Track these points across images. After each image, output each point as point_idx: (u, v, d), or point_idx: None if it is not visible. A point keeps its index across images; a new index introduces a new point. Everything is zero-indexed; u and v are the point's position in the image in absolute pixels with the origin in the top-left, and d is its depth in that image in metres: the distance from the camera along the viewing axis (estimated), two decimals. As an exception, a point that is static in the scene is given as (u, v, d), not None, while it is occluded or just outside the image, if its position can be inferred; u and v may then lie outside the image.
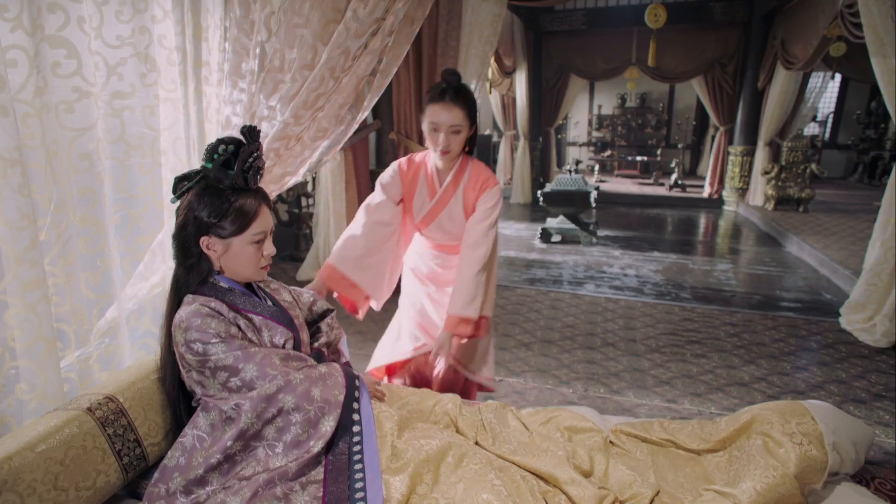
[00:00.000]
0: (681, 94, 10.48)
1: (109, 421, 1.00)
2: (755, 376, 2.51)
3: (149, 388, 1.13)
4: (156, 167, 1.45)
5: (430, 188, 1.65)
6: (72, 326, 1.28)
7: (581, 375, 2.50)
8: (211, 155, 1.08)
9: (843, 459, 1.10)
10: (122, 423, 1.02)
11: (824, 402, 1.21)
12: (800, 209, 6.53)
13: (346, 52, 1.41)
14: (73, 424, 0.94)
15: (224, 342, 1.03)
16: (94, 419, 0.97)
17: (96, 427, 0.97)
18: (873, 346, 2.81)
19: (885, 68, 2.64)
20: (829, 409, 1.16)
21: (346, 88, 1.46)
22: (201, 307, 1.07)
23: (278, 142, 1.49)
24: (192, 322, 1.04)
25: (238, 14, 1.52)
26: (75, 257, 1.24)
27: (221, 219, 1.09)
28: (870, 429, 1.20)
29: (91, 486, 0.93)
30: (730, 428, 1.18)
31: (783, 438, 1.06)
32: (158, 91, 1.40)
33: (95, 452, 0.95)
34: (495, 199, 1.62)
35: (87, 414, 0.96)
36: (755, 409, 1.17)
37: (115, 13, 1.30)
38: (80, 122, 1.19)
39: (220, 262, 1.13)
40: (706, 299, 3.69)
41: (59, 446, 0.90)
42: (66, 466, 0.90)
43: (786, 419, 1.10)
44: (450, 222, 1.67)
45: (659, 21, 4.63)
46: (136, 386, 1.10)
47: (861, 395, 2.33)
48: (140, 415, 1.07)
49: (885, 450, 1.95)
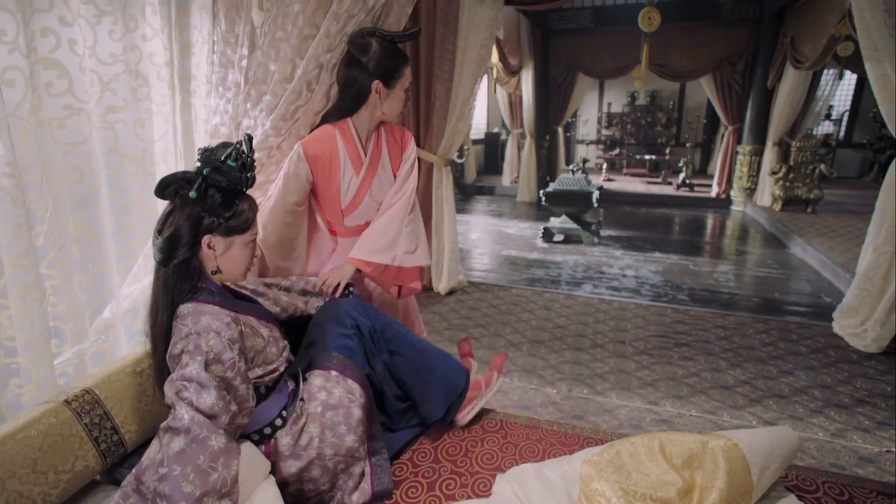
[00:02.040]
0: (691, 92, 10.36)
1: (85, 411, 1.10)
2: (740, 380, 2.53)
3: (125, 380, 1.22)
4: (147, 177, 1.54)
5: (354, 162, 1.58)
6: (68, 325, 1.38)
7: (566, 376, 2.55)
8: (213, 157, 1.12)
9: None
10: (98, 412, 1.12)
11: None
12: (808, 210, 6.45)
13: (319, 65, 1.48)
14: (51, 415, 1.04)
15: (206, 386, 0.98)
16: (71, 410, 1.08)
17: (72, 417, 1.07)
18: (863, 351, 2.81)
19: (878, 73, 2.62)
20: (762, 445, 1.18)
21: (317, 97, 1.53)
22: (221, 333, 1.04)
23: (260, 152, 1.57)
24: (213, 346, 1.02)
25: (224, 29, 1.60)
26: (70, 261, 1.33)
27: (229, 218, 1.12)
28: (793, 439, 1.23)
29: (70, 470, 1.04)
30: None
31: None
32: (149, 105, 1.49)
33: (73, 439, 1.06)
34: (414, 149, 1.67)
35: (63, 405, 1.07)
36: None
37: (107, 32, 1.39)
38: (71, 136, 1.28)
39: (218, 261, 1.15)
40: (702, 301, 3.70)
41: (38, 435, 1.00)
42: (44, 452, 1.00)
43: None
44: (380, 191, 1.61)
45: (653, 24, 4.61)
46: (112, 379, 1.20)
47: (843, 400, 2.35)
48: (116, 405, 1.17)
49: (860, 455, 1.97)
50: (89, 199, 1.36)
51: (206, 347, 1.02)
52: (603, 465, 1.19)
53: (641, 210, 7.59)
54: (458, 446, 1.46)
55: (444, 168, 3.58)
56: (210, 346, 1.03)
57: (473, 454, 1.43)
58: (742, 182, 7.35)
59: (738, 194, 7.46)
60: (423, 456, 1.42)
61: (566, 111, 8.47)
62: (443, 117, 3.47)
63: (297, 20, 1.52)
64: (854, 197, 7.63)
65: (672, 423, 2.18)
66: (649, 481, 1.15)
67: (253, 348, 1.15)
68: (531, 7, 5.05)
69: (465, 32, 3.30)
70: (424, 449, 1.45)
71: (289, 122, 1.54)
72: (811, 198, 6.42)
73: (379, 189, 1.64)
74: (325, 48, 1.47)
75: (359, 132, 1.61)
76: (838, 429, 2.13)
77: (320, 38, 1.46)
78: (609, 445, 1.24)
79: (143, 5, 1.43)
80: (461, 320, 3.23)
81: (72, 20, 1.25)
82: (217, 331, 1.05)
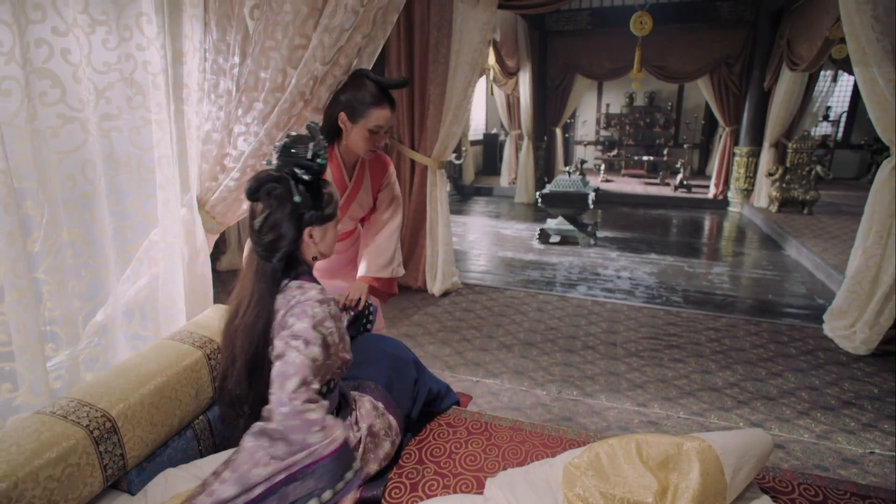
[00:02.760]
0: (690, 93, 10.38)
1: (104, 438, 1.11)
2: (729, 382, 2.56)
3: (139, 402, 1.21)
4: (143, 183, 1.58)
5: (339, 186, 1.72)
6: (63, 329, 1.41)
7: (557, 378, 2.58)
8: (295, 154, 1.16)
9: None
10: (114, 440, 1.13)
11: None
12: (804, 211, 6.48)
13: (314, 77, 1.51)
14: (71, 439, 1.06)
15: (312, 343, 1.11)
16: (91, 438, 1.08)
17: (92, 445, 1.08)
18: (852, 353, 2.84)
19: (866, 77, 2.65)
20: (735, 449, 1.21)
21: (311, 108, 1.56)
22: (324, 305, 1.16)
23: (253, 159, 1.60)
24: (317, 313, 1.14)
25: (215, 37, 1.63)
26: (64, 267, 1.36)
27: (324, 208, 1.22)
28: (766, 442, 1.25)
29: (76, 497, 1.06)
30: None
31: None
32: (144, 113, 1.52)
33: (87, 468, 1.07)
34: (394, 173, 1.85)
35: (85, 433, 1.08)
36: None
37: (102, 41, 1.42)
38: (65, 145, 1.31)
39: (317, 249, 1.25)
40: (696, 303, 3.73)
41: (58, 460, 1.02)
42: (61, 483, 1.02)
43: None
44: (359, 209, 1.82)
45: (645, 28, 4.65)
46: (129, 401, 1.19)
47: (830, 402, 2.38)
48: (129, 431, 1.18)
49: (844, 456, 2.00)
50: (83, 205, 1.39)
51: (311, 313, 1.14)
52: (583, 468, 1.22)
53: (639, 211, 7.62)
54: (443, 448, 1.49)
55: (438, 171, 3.61)
56: (315, 313, 1.15)
57: (457, 456, 1.46)
58: (739, 183, 7.38)
59: (735, 195, 7.49)
60: (407, 457, 1.45)
61: (564, 112, 8.50)
62: (437, 120, 3.50)
63: (287, 30, 1.55)
64: (851, 198, 7.65)
65: (659, 425, 2.21)
66: (627, 485, 1.18)
67: (339, 330, 1.24)
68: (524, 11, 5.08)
69: (459, 36, 3.33)
70: (409, 451, 1.48)
71: (282, 130, 1.57)
72: (807, 199, 6.45)
73: (358, 209, 1.83)
74: (319, 60, 1.50)
75: (343, 158, 1.73)
76: (823, 430, 2.16)
77: (313, 49, 1.49)
78: (588, 448, 1.26)
79: (138, 15, 1.46)
80: (454, 322, 3.26)
81: (65, 31, 1.28)
82: (320, 301, 1.17)
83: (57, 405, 1.16)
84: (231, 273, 4.27)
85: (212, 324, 1.55)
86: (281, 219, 1.15)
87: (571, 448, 1.45)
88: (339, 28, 1.47)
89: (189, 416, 1.39)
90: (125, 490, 1.24)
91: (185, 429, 1.40)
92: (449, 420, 1.64)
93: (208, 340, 1.48)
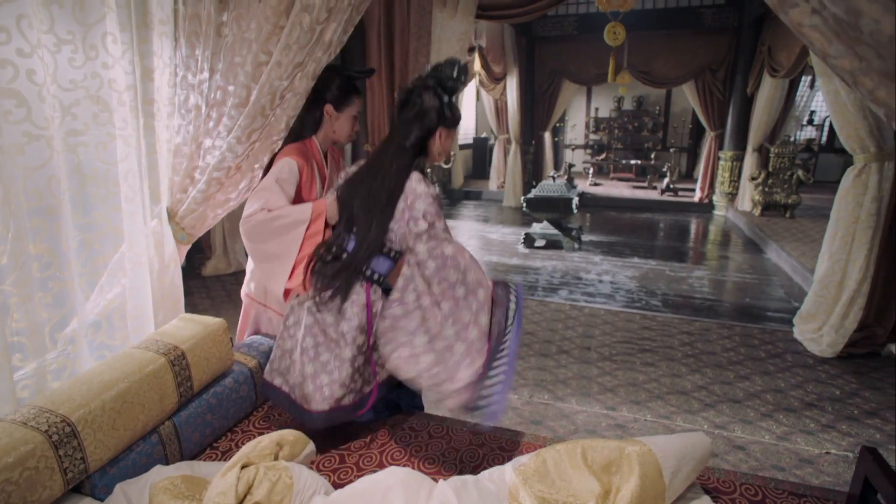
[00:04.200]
0: (677, 98, 10.49)
1: (63, 443, 1.15)
2: (698, 385, 2.62)
3: (99, 407, 1.25)
4: (111, 196, 1.62)
5: (321, 174, 1.77)
6: (29, 340, 1.45)
7: (529, 382, 2.64)
8: (443, 75, 1.48)
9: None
10: (74, 444, 1.17)
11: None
12: (786, 215, 6.57)
13: (272, 92, 1.56)
14: (30, 444, 1.09)
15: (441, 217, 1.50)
16: (50, 443, 1.12)
17: (50, 449, 1.12)
18: (819, 355, 2.91)
19: (829, 88, 2.73)
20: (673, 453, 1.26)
21: (274, 123, 1.61)
22: (434, 196, 1.49)
23: (218, 171, 1.65)
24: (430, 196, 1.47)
25: (185, 53, 1.68)
26: (30, 280, 1.41)
27: (456, 113, 1.54)
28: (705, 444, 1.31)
29: (37, 500, 1.09)
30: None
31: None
32: (110, 129, 1.56)
33: (46, 472, 1.11)
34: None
35: (44, 437, 1.11)
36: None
37: (68, 60, 1.47)
38: (31, 161, 1.36)
39: (441, 147, 1.55)
40: (674, 307, 3.80)
41: (15, 464, 1.05)
42: (18, 486, 1.06)
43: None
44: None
45: (618, 39, 4.75)
46: (89, 406, 1.23)
47: (794, 404, 2.44)
48: (90, 435, 1.21)
49: (801, 457, 2.06)
50: (49, 219, 1.43)
51: (433, 196, 1.47)
52: (529, 473, 1.27)
53: (626, 215, 7.70)
54: (403, 451, 1.54)
55: (419, 178, 3.66)
56: (435, 197, 1.48)
57: (416, 459, 1.50)
58: (724, 187, 7.47)
59: (720, 199, 7.59)
60: (368, 460, 1.50)
61: (552, 117, 8.59)
62: (417, 128, 3.55)
63: (251, 46, 1.60)
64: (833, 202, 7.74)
65: (627, 428, 2.26)
66: (571, 488, 1.24)
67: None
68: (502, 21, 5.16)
69: (438, 45, 3.40)
70: (371, 454, 1.53)
71: (244, 144, 1.62)
72: (789, 203, 6.54)
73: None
74: (277, 76, 1.55)
75: (322, 147, 1.79)
76: (784, 432, 2.22)
77: (272, 66, 1.54)
78: (537, 453, 1.32)
79: (104, 35, 1.51)
80: (434, 327, 3.31)
81: (30, 52, 1.32)
82: (433, 195, 1.48)
83: (18, 412, 1.19)
84: (215, 278, 4.31)
85: (178, 332, 1.58)
86: (425, 111, 1.48)
87: (529, 452, 1.50)
88: (297, 45, 1.52)
89: (154, 421, 1.43)
90: (88, 494, 1.28)
91: (150, 433, 1.43)
92: (412, 424, 1.68)
93: (172, 348, 1.51)
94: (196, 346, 1.54)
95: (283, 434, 1.32)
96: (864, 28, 1.14)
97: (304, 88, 1.60)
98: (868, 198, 2.76)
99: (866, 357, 2.89)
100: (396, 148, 1.50)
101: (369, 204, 1.48)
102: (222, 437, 1.62)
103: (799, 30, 1.28)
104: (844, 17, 1.15)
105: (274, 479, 1.14)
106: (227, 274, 4.40)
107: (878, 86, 1.17)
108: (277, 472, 1.16)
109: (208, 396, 1.59)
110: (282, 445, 1.29)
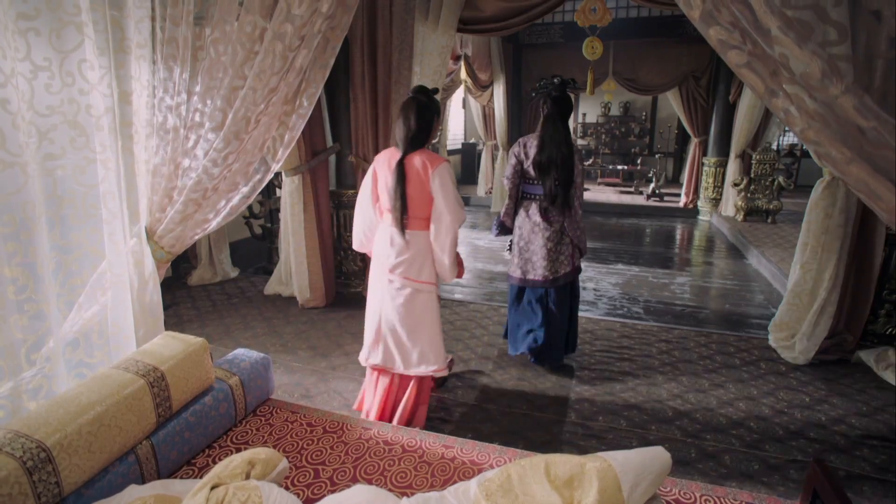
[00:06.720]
0: (663, 103, 10.63)
1: (38, 468, 1.16)
2: (673, 393, 2.68)
3: (76, 431, 1.26)
4: (89, 218, 1.65)
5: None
6: (5, 361, 1.48)
7: (508, 392, 2.68)
8: (542, 84, 2.82)
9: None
10: (48, 469, 1.19)
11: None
12: (768, 220, 6.69)
13: (246, 118, 1.60)
14: (3, 471, 1.11)
15: None
16: (25, 469, 1.14)
17: (25, 475, 1.14)
18: (792, 363, 2.98)
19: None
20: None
21: (251, 151, 1.65)
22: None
23: (195, 193, 1.68)
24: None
25: (163, 76, 1.72)
26: (6, 303, 1.43)
27: (566, 108, 2.82)
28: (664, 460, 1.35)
29: None
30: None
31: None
32: (87, 153, 1.59)
33: (19, 497, 1.13)
34: None
35: (19, 464, 1.13)
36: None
37: (44, 86, 1.50)
38: (5, 188, 1.39)
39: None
40: (655, 314, 3.86)
41: None
42: None
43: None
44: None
45: (596, 53, 4.85)
46: (65, 430, 1.25)
47: (764, 411, 2.51)
48: (65, 459, 1.23)
49: (768, 464, 2.12)
50: (25, 242, 1.46)
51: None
52: (493, 489, 1.32)
53: (612, 220, 7.78)
54: (377, 465, 1.58)
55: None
56: None
57: (389, 473, 1.54)
58: (708, 193, 7.59)
59: (704, 205, 7.70)
60: (342, 475, 1.54)
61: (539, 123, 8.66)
62: (400, 140, 3.60)
63: (227, 70, 1.64)
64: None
65: (602, 438, 2.31)
66: (534, 503, 1.28)
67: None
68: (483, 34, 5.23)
69: (420, 58, 3.45)
70: (345, 468, 1.56)
71: (220, 167, 1.66)
72: (771, 208, 6.66)
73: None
74: (252, 101, 1.59)
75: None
76: (754, 440, 2.28)
77: (247, 91, 1.58)
78: (503, 468, 1.36)
79: (81, 62, 1.54)
80: (417, 336, 3.34)
81: (4, 82, 1.35)
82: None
83: (-7, 438, 1.22)
84: (201, 288, 4.32)
85: (159, 352, 1.61)
86: (542, 103, 2.73)
87: (499, 465, 1.54)
88: (270, 71, 1.56)
89: (131, 443, 1.45)
90: (62, 515, 1.30)
91: (126, 454, 1.46)
92: (386, 437, 1.72)
93: (152, 369, 1.54)
94: (176, 366, 1.56)
95: (255, 452, 1.35)
96: (795, 70, 1.21)
97: (278, 112, 1.64)
98: (836, 209, 2.84)
99: (837, 364, 2.96)
100: (549, 118, 2.84)
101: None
102: (200, 454, 1.64)
103: (738, 70, 1.34)
104: (777, 58, 1.22)
105: (243, 499, 1.17)
106: (213, 283, 4.41)
107: (809, 127, 1.23)
108: (247, 491, 1.19)
109: (187, 415, 1.61)
110: (253, 464, 1.32)
